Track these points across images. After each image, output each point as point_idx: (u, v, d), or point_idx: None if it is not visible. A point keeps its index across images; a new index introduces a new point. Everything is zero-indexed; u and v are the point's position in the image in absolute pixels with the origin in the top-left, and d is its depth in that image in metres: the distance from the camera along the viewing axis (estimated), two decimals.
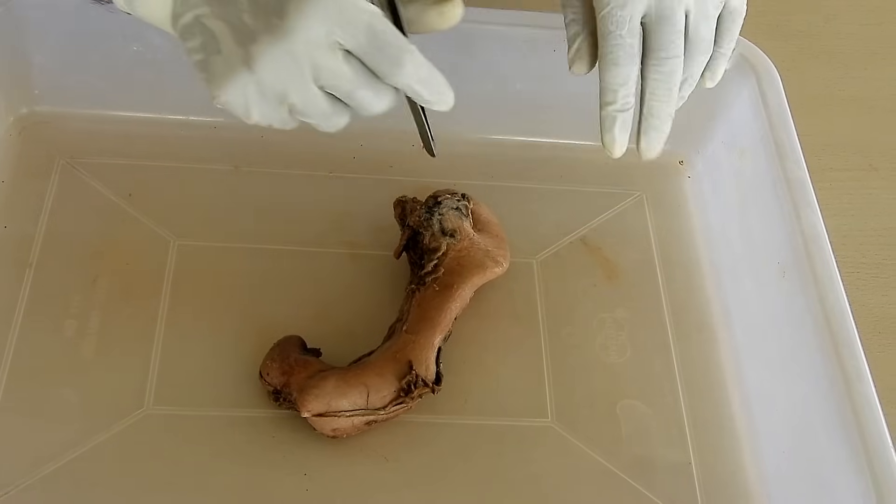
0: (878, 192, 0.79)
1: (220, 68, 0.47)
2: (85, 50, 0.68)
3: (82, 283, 0.64)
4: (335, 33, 0.46)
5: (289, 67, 0.47)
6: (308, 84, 0.47)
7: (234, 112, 0.49)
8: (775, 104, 0.68)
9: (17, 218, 0.66)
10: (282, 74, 0.47)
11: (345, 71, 0.47)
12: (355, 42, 0.47)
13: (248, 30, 0.46)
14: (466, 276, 0.63)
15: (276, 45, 0.46)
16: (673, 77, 0.53)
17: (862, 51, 0.89)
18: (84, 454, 0.57)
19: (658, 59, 0.53)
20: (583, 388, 0.65)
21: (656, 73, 0.53)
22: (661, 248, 0.73)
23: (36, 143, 0.70)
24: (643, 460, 0.62)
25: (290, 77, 0.47)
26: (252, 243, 0.68)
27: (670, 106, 0.54)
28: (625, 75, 0.52)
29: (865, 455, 0.53)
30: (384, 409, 0.58)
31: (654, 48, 0.53)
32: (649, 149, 0.55)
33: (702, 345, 0.68)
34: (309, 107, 0.48)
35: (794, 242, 0.63)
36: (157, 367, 0.61)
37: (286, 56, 0.46)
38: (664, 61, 0.53)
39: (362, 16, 0.47)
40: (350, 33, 0.47)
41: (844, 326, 0.58)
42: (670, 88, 0.54)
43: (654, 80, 0.53)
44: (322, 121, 0.49)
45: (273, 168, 0.72)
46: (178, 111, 0.73)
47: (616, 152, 0.55)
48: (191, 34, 0.48)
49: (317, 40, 0.46)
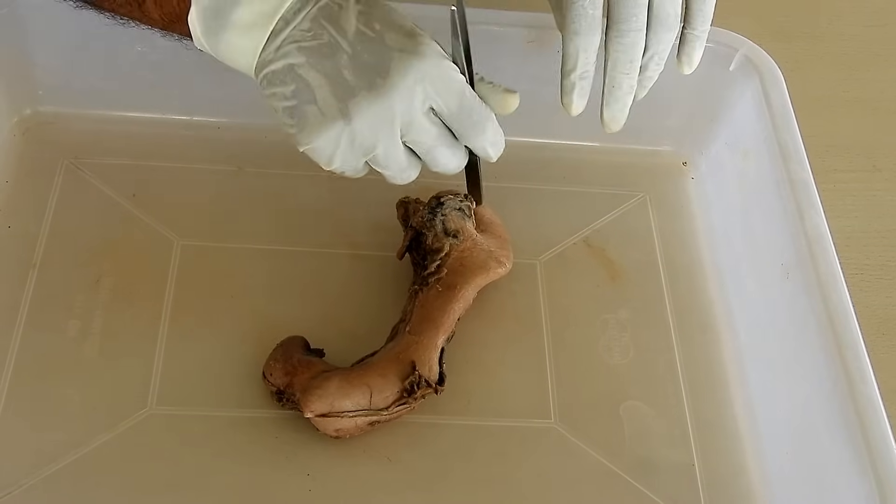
0: (881, 194, 0.79)
1: (314, 118, 0.50)
2: (88, 50, 0.68)
3: (86, 284, 0.64)
4: (430, 95, 0.50)
5: (384, 123, 0.50)
6: (396, 139, 0.51)
7: (317, 158, 0.52)
8: (779, 105, 0.68)
9: (20, 218, 0.66)
10: (376, 129, 0.50)
11: (431, 130, 0.52)
12: (446, 105, 0.51)
13: (348, 85, 0.50)
14: (469, 276, 0.63)
15: (376, 102, 0.50)
16: (634, 49, 0.54)
17: (866, 52, 0.89)
18: (87, 454, 0.57)
19: (619, 31, 0.54)
20: (585, 389, 0.65)
21: (618, 44, 0.54)
22: (664, 249, 0.72)
23: (40, 144, 0.70)
24: (646, 461, 0.62)
25: (382, 131, 0.51)
26: (255, 244, 0.68)
27: (632, 78, 0.56)
28: (585, 44, 0.54)
29: (868, 456, 0.53)
30: (387, 410, 0.58)
31: (616, 20, 0.54)
32: (612, 119, 0.57)
33: (705, 346, 0.68)
34: (390, 160, 0.52)
35: (797, 244, 0.62)
36: (160, 368, 0.61)
37: (385, 112, 0.50)
38: (625, 33, 0.54)
39: (455, 84, 0.51)
40: (444, 97, 0.51)
41: (848, 328, 0.58)
42: (632, 60, 0.55)
43: (616, 51, 0.55)
44: (397, 173, 0.54)
45: (276, 169, 0.72)
46: (182, 112, 0.73)
47: (573, 112, 0.57)
48: (281, 82, 0.50)
49: (413, 100, 0.50)
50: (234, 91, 0.69)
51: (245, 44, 0.50)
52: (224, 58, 0.51)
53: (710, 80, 0.73)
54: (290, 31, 0.49)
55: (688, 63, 0.59)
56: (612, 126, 0.58)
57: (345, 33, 0.49)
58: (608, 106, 0.57)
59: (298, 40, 0.49)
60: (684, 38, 0.57)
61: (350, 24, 0.50)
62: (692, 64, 0.59)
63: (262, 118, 0.72)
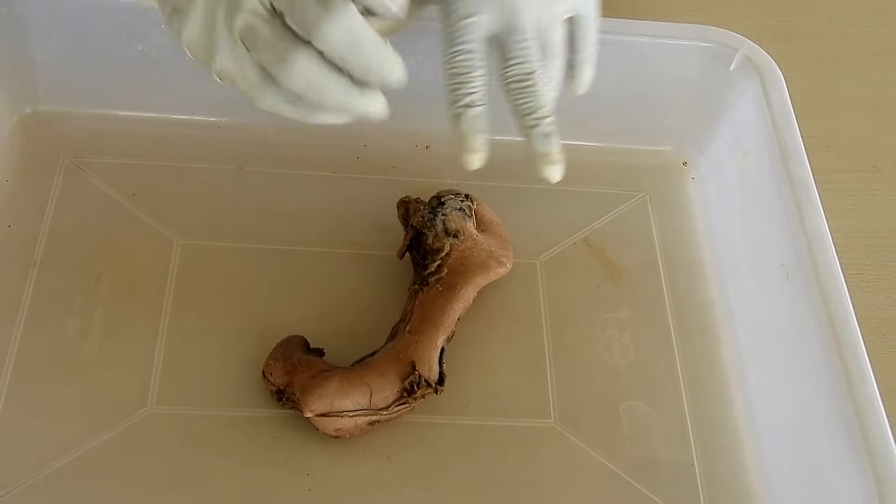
0: (881, 194, 0.79)
1: (184, 4, 0.47)
2: (88, 49, 0.68)
3: (86, 283, 0.64)
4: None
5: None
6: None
7: (200, 57, 0.48)
8: (779, 105, 0.68)
9: (20, 217, 0.66)
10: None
11: None
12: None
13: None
14: (470, 276, 0.63)
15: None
16: (528, 80, 0.53)
17: (866, 52, 0.89)
18: (87, 453, 0.57)
19: (510, 65, 0.53)
20: (585, 389, 0.65)
21: (512, 76, 0.53)
22: (664, 249, 0.73)
23: (39, 143, 0.70)
24: (646, 461, 0.62)
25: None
26: (255, 243, 0.68)
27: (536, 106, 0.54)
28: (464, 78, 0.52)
29: (868, 456, 0.53)
30: (387, 410, 0.58)
31: (507, 57, 0.53)
32: (541, 146, 0.54)
33: (705, 346, 0.68)
34: (254, 31, 0.45)
35: (797, 244, 0.62)
36: (160, 367, 0.61)
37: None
38: (515, 66, 0.53)
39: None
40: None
41: (848, 328, 0.58)
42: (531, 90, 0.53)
43: (513, 88, 0.53)
44: (264, 46, 0.46)
45: (276, 168, 0.72)
46: (182, 111, 0.73)
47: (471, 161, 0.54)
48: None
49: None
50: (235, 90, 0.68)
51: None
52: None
53: (710, 80, 0.73)
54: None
55: (579, 85, 0.59)
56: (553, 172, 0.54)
57: None
58: (531, 139, 0.54)
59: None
60: (571, 62, 0.58)
61: None
62: (583, 84, 0.59)
63: (262, 117, 0.72)
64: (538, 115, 0.53)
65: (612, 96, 0.74)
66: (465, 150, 0.53)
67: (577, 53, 0.58)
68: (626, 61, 0.72)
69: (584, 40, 0.57)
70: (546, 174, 0.54)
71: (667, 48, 0.72)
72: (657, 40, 0.71)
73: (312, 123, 0.49)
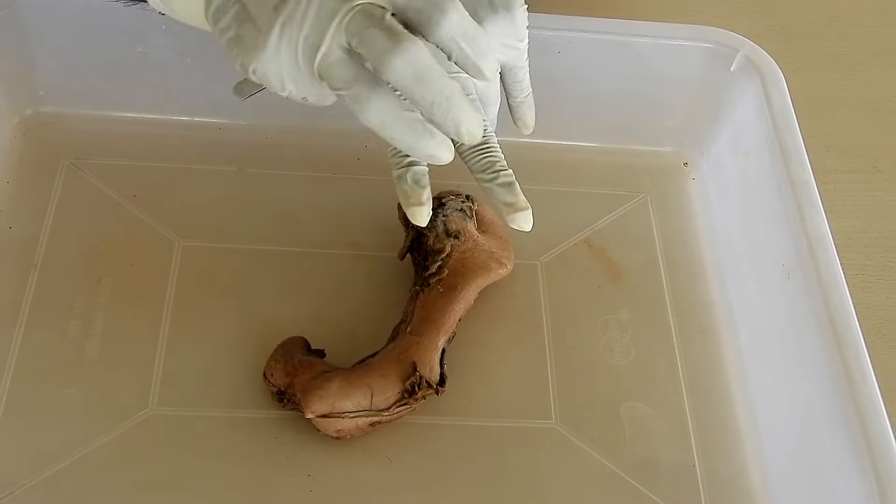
0: (882, 194, 0.79)
1: (251, 35, 0.46)
2: (89, 51, 0.68)
3: (87, 284, 0.64)
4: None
5: (322, 18, 0.45)
6: (338, 36, 0.45)
7: (269, 83, 0.48)
8: (780, 106, 0.68)
9: (21, 219, 0.66)
10: (314, 28, 0.45)
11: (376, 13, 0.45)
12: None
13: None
14: (470, 277, 0.63)
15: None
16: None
17: (866, 52, 0.89)
18: (88, 455, 0.57)
19: None
20: (586, 390, 0.65)
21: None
22: (665, 249, 0.73)
23: (40, 145, 0.70)
24: (647, 462, 0.62)
25: (320, 27, 0.45)
26: (256, 244, 0.68)
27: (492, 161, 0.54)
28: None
29: (869, 457, 0.53)
30: (388, 411, 0.58)
31: None
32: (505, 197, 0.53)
33: (706, 346, 0.68)
34: (335, 67, 0.46)
35: (798, 244, 0.62)
36: (161, 368, 0.61)
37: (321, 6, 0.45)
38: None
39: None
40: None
41: (849, 328, 0.58)
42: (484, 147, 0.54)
43: (464, 149, 0.54)
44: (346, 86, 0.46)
45: (277, 169, 0.72)
46: (183, 112, 0.73)
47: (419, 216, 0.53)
48: (223, 13, 0.47)
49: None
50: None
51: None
52: (178, 13, 0.49)
53: (711, 80, 0.73)
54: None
55: (523, 125, 0.62)
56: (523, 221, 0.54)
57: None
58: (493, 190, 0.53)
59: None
60: (511, 107, 0.61)
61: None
62: (527, 125, 0.62)
63: (263, 119, 0.72)
64: (495, 169, 0.54)
65: (613, 97, 0.74)
66: (410, 206, 0.53)
67: (515, 98, 0.60)
68: (626, 62, 0.72)
69: (516, 86, 0.59)
70: (517, 224, 0.54)
71: (667, 49, 0.72)
72: (658, 41, 0.71)
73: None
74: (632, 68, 0.72)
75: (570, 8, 0.72)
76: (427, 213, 0.54)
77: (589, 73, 0.72)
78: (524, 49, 0.57)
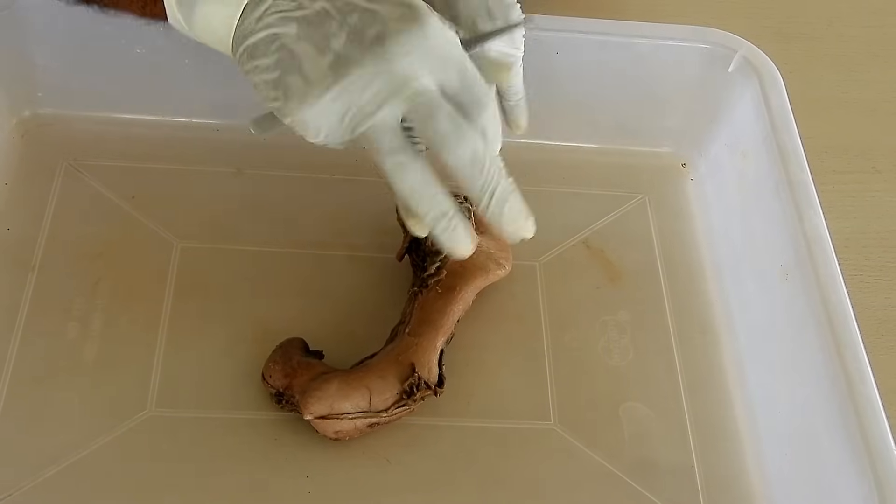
0: (880, 195, 0.79)
1: (299, 88, 0.47)
2: (88, 52, 0.68)
3: (85, 286, 0.64)
4: (434, 68, 0.47)
5: (383, 92, 0.47)
6: (394, 111, 0.47)
7: (303, 130, 0.49)
8: (778, 106, 0.68)
9: (19, 220, 0.66)
10: (372, 99, 0.47)
11: (443, 107, 0.47)
12: (447, 78, 0.48)
13: (338, 53, 0.46)
14: (469, 278, 0.63)
15: (373, 68, 0.46)
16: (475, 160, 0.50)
17: (864, 53, 0.89)
18: (86, 456, 0.57)
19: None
20: (585, 391, 0.65)
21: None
22: (663, 250, 0.73)
23: (39, 146, 0.70)
24: (645, 463, 0.62)
25: (378, 102, 0.47)
26: (255, 246, 0.68)
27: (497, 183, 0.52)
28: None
29: (868, 457, 0.53)
30: (386, 412, 0.58)
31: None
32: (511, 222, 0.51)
33: (704, 347, 0.68)
34: (384, 137, 0.48)
35: (796, 245, 0.62)
36: (159, 370, 0.61)
37: (384, 81, 0.46)
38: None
39: (456, 54, 0.48)
40: (444, 68, 0.47)
41: (847, 329, 0.58)
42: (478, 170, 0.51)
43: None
44: (388, 157, 0.48)
45: (275, 171, 0.72)
46: (181, 113, 0.73)
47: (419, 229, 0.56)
48: (263, 54, 0.47)
49: (416, 70, 0.47)
50: (233, 93, 0.69)
51: (222, 13, 0.47)
52: (200, 32, 0.49)
53: (709, 81, 0.73)
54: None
55: (515, 126, 0.61)
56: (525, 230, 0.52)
57: (333, 1, 0.47)
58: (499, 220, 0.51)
59: (282, 10, 0.47)
60: (505, 110, 0.60)
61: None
62: (520, 126, 0.61)
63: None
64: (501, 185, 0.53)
65: (611, 98, 0.74)
66: (410, 217, 0.55)
67: (509, 101, 0.60)
68: (624, 63, 0.72)
69: (510, 90, 0.59)
70: (520, 234, 0.53)
71: (665, 49, 0.72)
72: (656, 42, 0.71)
73: None
74: (630, 69, 0.72)
75: (569, 9, 0.72)
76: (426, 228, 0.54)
77: (587, 73, 0.72)
78: (519, 56, 0.57)
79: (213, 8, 0.48)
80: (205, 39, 0.50)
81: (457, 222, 0.49)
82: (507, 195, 0.50)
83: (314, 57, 0.46)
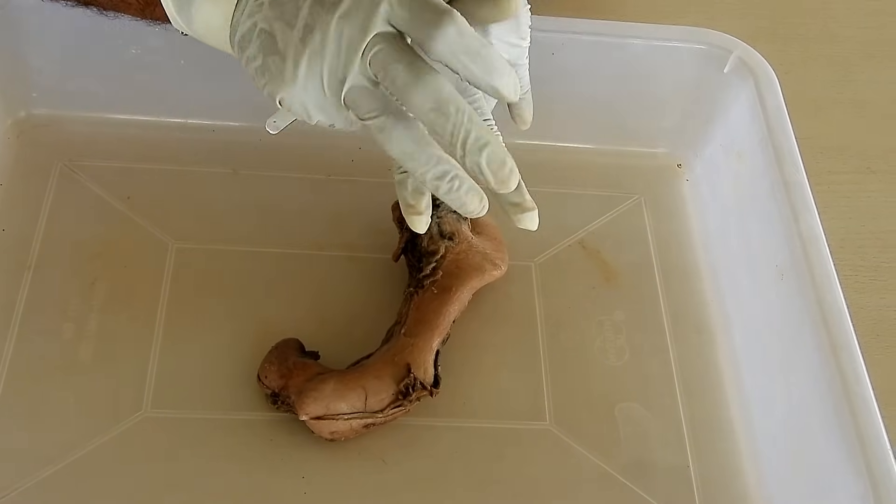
0: (875, 195, 0.79)
1: (278, 65, 0.47)
2: (83, 52, 0.68)
3: (80, 286, 0.64)
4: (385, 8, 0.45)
5: (344, 48, 0.46)
6: (360, 64, 0.46)
7: (297, 112, 0.48)
8: (773, 107, 0.68)
9: (15, 221, 0.66)
10: (337, 57, 0.46)
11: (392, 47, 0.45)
12: (396, 15, 0.45)
13: (306, 24, 0.46)
14: (465, 279, 0.63)
15: (332, 26, 0.45)
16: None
17: (860, 54, 0.89)
18: (82, 457, 0.57)
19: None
20: (581, 391, 0.65)
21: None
22: (659, 250, 0.73)
23: (34, 147, 0.70)
24: (641, 463, 0.62)
25: (343, 58, 0.46)
26: (250, 246, 0.68)
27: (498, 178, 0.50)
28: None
29: (863, 457, 0.53)
30: (382, 412, 0.58)
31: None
32: (511, 196, 0.52)
33: (700, 347, 0.68)
34: (360, 96, 0.46)
35: (792, 245, 0.63)
36: (155, 370, 0.61)
37: (343, 36, 0.45)
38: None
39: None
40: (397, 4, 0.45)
41: (842, 329, 0.58)
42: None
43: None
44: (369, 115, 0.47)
45: (271, 171, 0.72)
46: (177, 114, 0.73)
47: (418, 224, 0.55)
48: (249, 42, 0.48)
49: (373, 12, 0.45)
50: (229, 93, 0.69)
51: (217, 12, 0.48)
52: (201, 33, 0.49)
53: (704, 82, 0.73)
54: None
55: (521, 121, 0.60)
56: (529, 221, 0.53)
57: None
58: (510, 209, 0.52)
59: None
60: (510, 104, 0.58)
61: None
62: (525, 121, 0.60)
63: (256, 120, 0.72)
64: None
65: (607, 98, 0.74)
66: (410, 213, 0.54)
67: None
68: (620, 63, 0.72)
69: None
70: (523, 224, 0.53)
71: (661, 50, 0.72)
72: (651, 42, 0.71)
73: None
74: (625, 70, 0.73)
75: (564, 9, 0.72)
76: (426, 222, 0.55)
77: (583, 74, 0.72)
78: (526, 47, 0.57)
79: (208, 9, 0.48)
80: (210, 42, 0.50)
81: (461, 180, 0.47)
82: (482, 142, 0.45)
83: (286, 33, 0.46)
